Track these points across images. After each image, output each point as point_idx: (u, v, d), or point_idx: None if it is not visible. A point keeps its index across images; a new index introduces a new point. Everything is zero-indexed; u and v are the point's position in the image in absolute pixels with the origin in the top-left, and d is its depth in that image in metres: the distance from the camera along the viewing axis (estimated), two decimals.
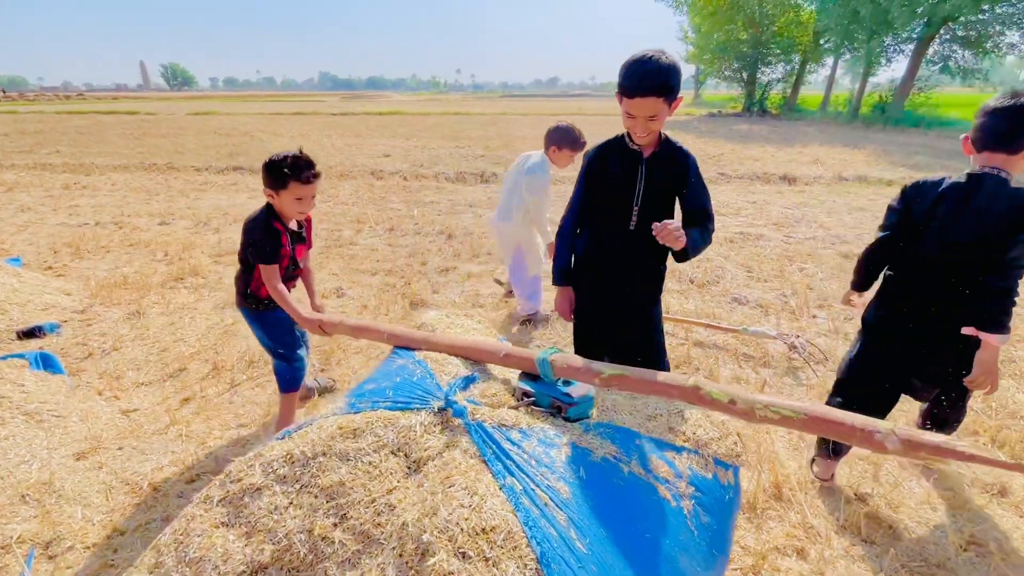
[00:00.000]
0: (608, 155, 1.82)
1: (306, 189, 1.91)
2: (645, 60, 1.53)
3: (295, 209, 1.97)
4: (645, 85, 1.53)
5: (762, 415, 1.05)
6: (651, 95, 1.54)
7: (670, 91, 1.55)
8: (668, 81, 1.53)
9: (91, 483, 1.96)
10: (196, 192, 7.90)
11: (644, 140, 1.71)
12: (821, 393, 2.63)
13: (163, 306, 3.68)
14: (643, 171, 1.75)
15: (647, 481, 1.13)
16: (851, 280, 2.00)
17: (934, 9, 15.40)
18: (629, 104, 1.59)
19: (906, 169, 9.20)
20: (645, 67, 1.52)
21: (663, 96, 1.55)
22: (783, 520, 1.81)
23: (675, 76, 1.54)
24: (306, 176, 1.89)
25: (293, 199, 1.92)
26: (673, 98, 1.58)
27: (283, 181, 1.89)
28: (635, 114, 1.60)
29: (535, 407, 1.27)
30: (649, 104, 1.55)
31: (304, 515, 1.06)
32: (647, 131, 1.66)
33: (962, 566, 1.63)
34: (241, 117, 24.99)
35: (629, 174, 1.76)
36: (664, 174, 1.76)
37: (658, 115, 1.59)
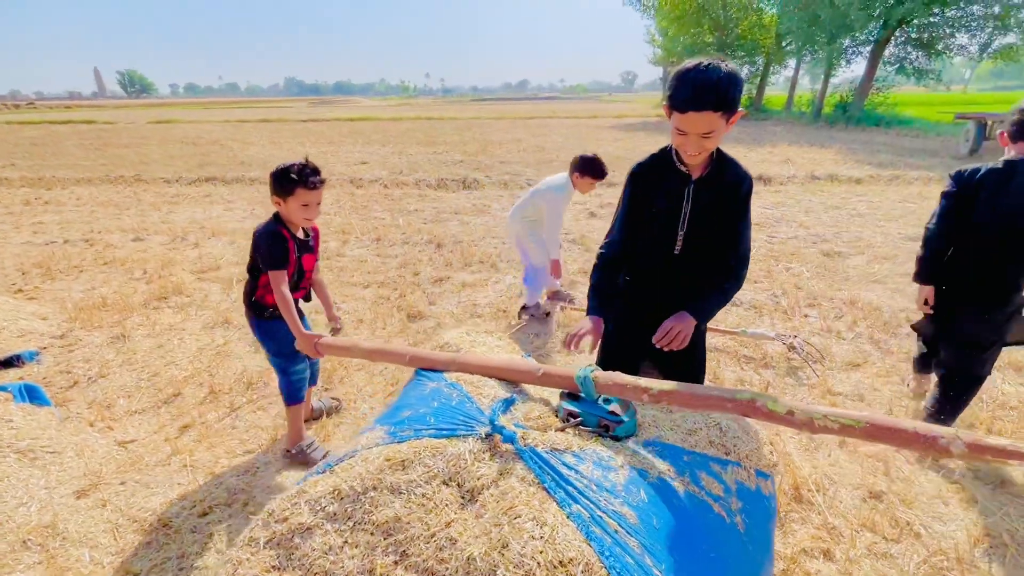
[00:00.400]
0: (653, 173, 1.63)
1: (312, 195, 1.94)
2: (702, 69, 1.32)
3: (301, 216, 1.98)
4: (703, 99, 1.31)
5: (821, 425, 1.06)
6: (708, 109, 1.32)
7: (730, 104, 1.33)
8: (729, 93, 1.31)
9: (96, 522, 1.86)
10: (168, 205, 7.64)
11: (696, 160, 1.50)
12: (823, 392, 2.71)
13: (148, 328, 3.54)
14: (690, 194, 1.56)
15: (701, 499, 1.14)
16: (917, 274, 2.21)
17: (889, 12, 16.09)
18: (681, 120, 1.37)
19: (872, 167, 9.56)
20: (703, 76, 1.31)
21: (722, 110, 1.33)
22: (806, 522, 1.85)
23: (737, 87, 1.33)
24: (312, 182, 1.92)
25: (299, 205, 1.94)
26: (733, 112, 1.36)
27: (290, 188, 1.91)
28: (688, 130, 1.39)
29: (582, 427, 1.26)
30: (705, 120, 1.34)
31: (362, 554, 1.03)
32: (700, 150, 1.43)
33: (980, 558, 1.70)
34: (206, 125, 24.33)
35: (675, 197, 1.58)
36: (714, 198, 1.56)
37: (714, 132, 1.37)
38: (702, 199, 1.55)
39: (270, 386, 2.85)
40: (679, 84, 1.34)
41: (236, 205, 7.58)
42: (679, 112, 1.36)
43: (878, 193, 7.70)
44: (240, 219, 6.68)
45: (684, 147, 1.45)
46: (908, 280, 4.25)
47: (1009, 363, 2.92)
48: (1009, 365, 2.92)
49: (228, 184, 9.27)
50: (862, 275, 4.39)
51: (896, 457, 2.19)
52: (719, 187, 1.54)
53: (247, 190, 8.72)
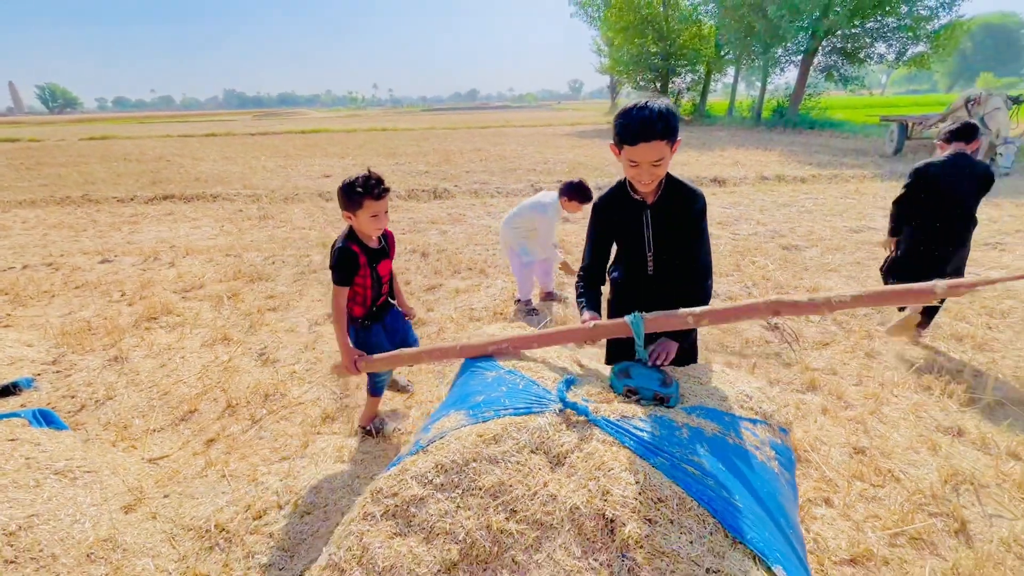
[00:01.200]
0: (612, 206, 1.80)
1: (379, 205, 2.05)
2: (641, 107, 1.50)
3: (373, 226, 2.09)
4: (650, 130, 1.48)
5: (838, 301, 1.38)
6: (655, 139, 1.49)
7: (672, 132, 1.52)
8: (669, 123, 1.50)
9: (151, 534, 1.90)
10: (128, 225, 7.36)
11: (648, 188, 1.65)
12: (802, 368, 3.03)
13: (145, 348, 3.49)
14: (648, 219, 1.72)
15: (746, 449, 1.36)
16: (889, 229, 3.30)
17: (816, 24, 17.45)
18: (632, 152, 1.53)
19: (813, 167, 10.37)
20: (646, 112, 1.49)
21: (667, 139, 1.51)
22: (807, 477, 2.13)
23: (675, 117, 1.52)
24: (378, 192, 2.02)
25: (369, 216, 2.05)
26: (675, 140, 1.54)
27: (359, 200, 2.01)
28: (640, 160, 1.54)
29: (641, 401, 1.46)
30: (654, 149, 1.51)
31: (476, 515, 1.18)
32: (652, 178, 1.59)
33: (950, 493, 2.02)
34: (146, 140, 23.23)
35: (636, 223, 1.74)
36: (671, 219, 1.72)
37: (663, 159, 1.54)
38: (660, 222, 1.72)
39: (287, 396, 2.91)
40: (627, 122, 1.51)
41: (203, 223, 7.39)
42: (630, 145, 1.52)
43: (821, 191, 8.40)
44: (211, 237, 6.54)
45: (638, 177, 1.60)
46: (859, 268, 4.73)
47: None
48: None
49: (189, 202, 8.99)
50: (818, 265, 4.85)
51: (872, 417, 2.52)
52: (673, 208, 1.70)
53: (210, 207, 8.50)
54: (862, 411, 2.59)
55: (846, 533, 1.85)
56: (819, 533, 1.85)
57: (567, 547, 1.11)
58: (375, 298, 2.28)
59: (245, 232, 6.70)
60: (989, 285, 1.30)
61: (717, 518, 1.06)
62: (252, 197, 9.06)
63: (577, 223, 6.75)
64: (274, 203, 8.66)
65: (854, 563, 1.74)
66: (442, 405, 1.65)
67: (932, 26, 17.00)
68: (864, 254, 5.12)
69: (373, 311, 2.31)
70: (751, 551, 1.02)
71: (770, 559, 1.00)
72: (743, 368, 3.07)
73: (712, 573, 0.97)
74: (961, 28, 17.15)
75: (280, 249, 5.87)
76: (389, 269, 2.33)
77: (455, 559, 1.13)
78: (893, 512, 1.94)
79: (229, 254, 5.71)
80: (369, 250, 2.17)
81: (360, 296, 2.23)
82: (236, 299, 4.35)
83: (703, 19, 24.74)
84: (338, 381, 3.04)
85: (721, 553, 1.01)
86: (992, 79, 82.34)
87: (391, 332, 2.42)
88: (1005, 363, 3.03)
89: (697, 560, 0.99)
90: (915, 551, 1.79)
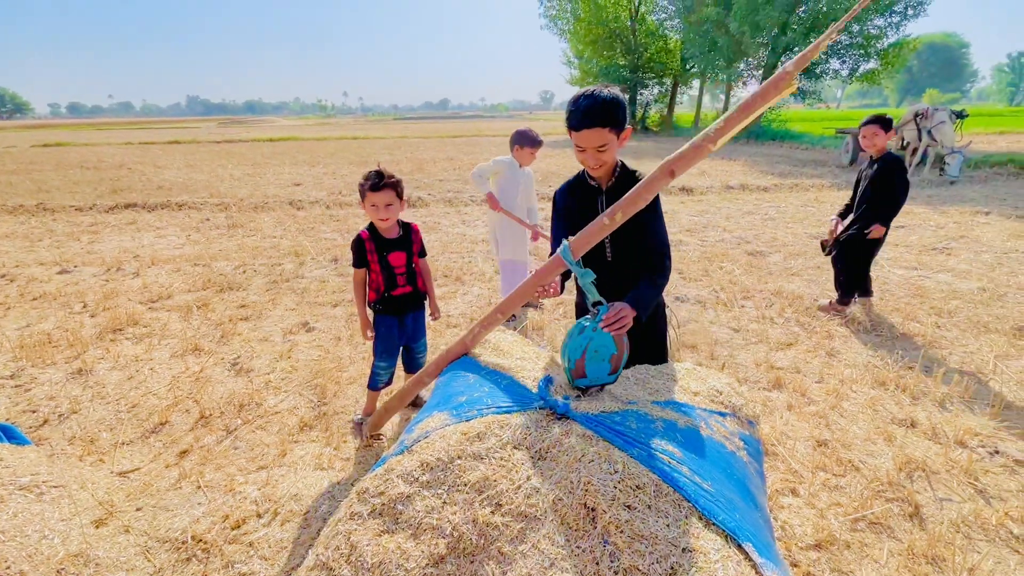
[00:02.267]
0: (571, 192, 1.88)
1: (377, 196, 2.22)
2: (588, 94, 1.58)
3: (375, 216, 2.29)
4: (590, 117, 1.57)
5: (715, 131, 1.44)
6: (596, 126, 1.58)
7: (615, 121, 1.59)
8: (612, 112, 1.57)
9: (124, 547, 1.85)
10: (88, 235, 7.10)
11: (598, 172, 1.75)
12: (768, 368, 3.16)
13: (111, 361, 3.38)
14: (603, 203, 1.79)
15: (717, 440, 1.44)
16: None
17: (776, 41, 18.27)
18: (577, 137, 1.63)
19: (774, 177, 10.80)
20: (589, 100, 1.57)
21: (608, 126, 1.58)
22: (774, 469, 2.23)
23: (618, 107, 1.58)
24: (373, 184, 2.19)
25: (370, 206, 2.25)
26: (620, 129, 1.61)
27: (362, 193, 2.25)
28: (584, 145, 1.64)
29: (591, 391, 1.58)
30: (596, 135, 1.59)
31: (462, 509, 1.22)
32: (599, 162, 1.68)
33: (904, 480, 2.15)
34: (104, 148, 22.48)
35: (591, 208, 1.80)
36: None
37: (607, 145, 1.62)
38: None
39: (263, 406, 2.87)
40: (572, 108, 1.61)
41: (168, 232, 7.19)
42: (575, 131, 1.63)
43: (783, 199, 8.75)
44: (178, 246, 6.37)
45: (585, 161, 1.71)
46: (819, 272, 4.96)
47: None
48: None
49: (152, 210, 8.73)
50: (782, 270, 5.06)
51: (833, 412, 2.65)
52: (626, 193, 1.74)
53: (176, 216, 8.28)
54: (824, 406, 2.72)
55: (811, 520, 1.95)
56: (786, 521, 1.95)
57: (551, 536, 1.15)
58: (388, 286, 2.42)
59: (213, 241, 6.55)
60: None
61: (691, 502, 1.13)
62: (220, 205, 8.86)
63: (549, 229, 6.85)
64: (243, 212, 8.50)
65: (819, 548, 1.83)
66: (425, 407, 1.68)
67: (881, 44, 18.03)
68: (824, 259, 5.37)
69: (386, 298, 2.44)
70: (723, 531, 1.09)
71: (740, 537, 1.07)
72: (713, 367, 3.19)
73: (687, 552, 1.03)
74: (908, 47, 18.22)
75: (251, 258, 5.77)
76: (403, 260, 2.43)
77: (443, 553, 1.16)
78: (853, 499, 2.06)
79: (197, 263, 5.58)
80: (380, 238, 2.35)
81: (374, 282, 2.43)
82: (206, 309, 4.26)
83: (669, 34, 25.56)
84: (315, 389, 3.01)
85: (696, 534, 1.07)
86: (937, 95, 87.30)
87: (408, 333, 2.58)
88: (952, 359, 3.24)
89: (674, 541, 1.05)
90: (874, 535, 1.90)
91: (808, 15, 17.78)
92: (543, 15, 30.15)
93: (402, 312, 2.51)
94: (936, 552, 1.80)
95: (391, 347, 2.55)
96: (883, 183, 3.63)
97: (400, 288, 2.45)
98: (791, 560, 1.79)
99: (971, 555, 1.80)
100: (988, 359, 3.22)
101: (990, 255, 5.36)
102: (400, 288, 2.45)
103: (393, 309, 2.47)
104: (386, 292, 2.42)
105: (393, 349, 2.57)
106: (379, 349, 2.54)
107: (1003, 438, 2.46)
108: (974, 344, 3.42)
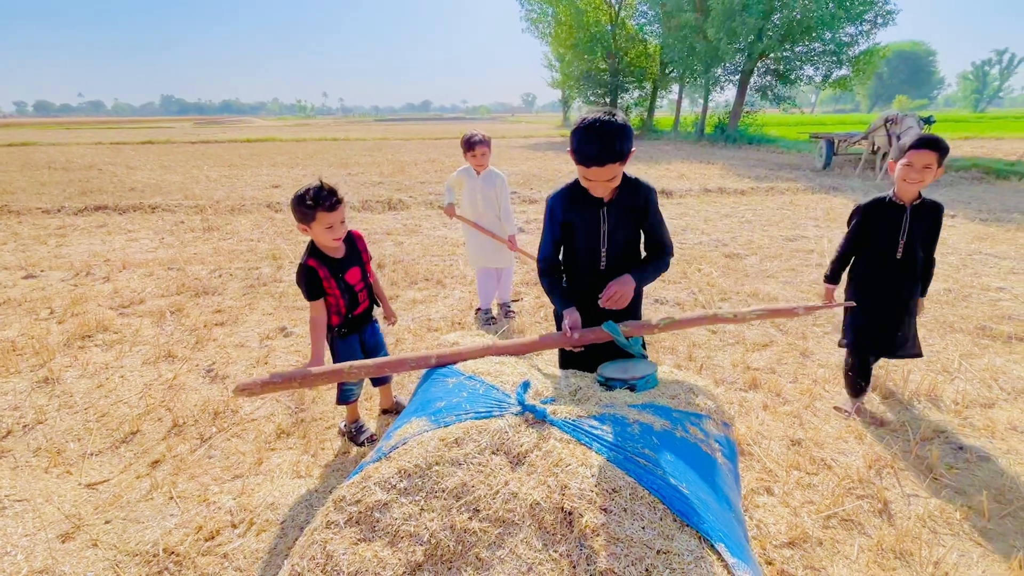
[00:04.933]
0: (568, 202, 1.85)
1: (333, 216, 2.02)
2: (598, 127, 1.51)
3: (329, 237, 2.07)
4: (605, 156, 1.53)
5: (748, 317, 1.91)
6: (609, 163, 1.55)
7: (625, 153, 1.57)
8: (625, 146, 1.55)
9: (92, 562, 1.80)
10: (55, 238, 6.88)
11: (605, 195, 1.76)
12: (744, 368, 3.22)
13: (79, 369, 3.28)
14: (604, 215, 1.80)
15: (692, 441, 1.46)
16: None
17: (752, 47, 18.64)
18: (587, 172, 1.60)
19: (751, 180, 11.01)
20: (602, 136, 1.51)
21: (620, 160, 1.57)
22: (750, 468, 2.27)
23: (630, 138, 1.56)
24: (330, 204, 2.00)
25: (324, 228, 2.03)
26: (628, 156, 1.60)
27: (311, 214, 1.99)
28: (594, 179, 1.62)
29: (615, 386, 1.64)
30: (608, 171, 1.58)
31: (440, 516, 1.21)
32: (606, 191, 1.71)
33: (874, 477, 2.21)
34: (74, 148, 21.79)
35: (592, 219, 1.81)
36: (625, 214, 1.81)
37: (617, 176, 1.63)
38: (616, 217, 1.81)
39: (239, 413, 2.82)
40: (583, 143, 1.55)
41: (140, 235, 7.01)
42: (584, 167, 1.59)
43: (759, 202, 8.93)
44: (151, 250, 6.22)
45: (593, 190, 1.72)
46: (793, 274, 5.07)
47: None
48: None
49: (124, 213, 8.50)
50: (758, 272, 5.16)
51: (806, 411, 2.72)
52: (629, 205, 1.81)
53: (149, 219, 8.07)
54: (798, 406, 2.79)
55: (785, 518, 1.99)
56: (761, 519, 1.99)
57: (528, 541, 1.16)
58: (350, 307, 2.28)
59: (188, 244, 6.41)
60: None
61: (666, 504, 1.14)
62: (195, 208, 8.67)
63: (529, 232, 6.88)
64: (219, 214, 8.33)
65: (792, 545, 1.87)
66: (403, 413, 1.67)
67: (853, 52, 18.54)
68: (798, 261, 5.50)
69: (350, 319, 2.31)
70: (697, 532, 1.11)
71: (713, 538, 1.08)
72: (691, 370, 3.24)
73: (662, 554, 1.05)
74: (878, 54, 18.77)
75: (227, 262, 5.66)
76: (360, 276, 2.29)
77: (420, 560, 1.15)
78: (826, 497, 2.11)
79: (171, 267, 5.45)
80: (330, 261, 2.16)
81: (334, 306, 2.24)
82: (180, 314, 4.16)
83: (649, 38, 25.87)
84: (292, 395, 2.97)
85: (670, 535, 1.09)
86: (907, 101, 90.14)
87: (368, 347, 2.44)
88: (918, 360, 3.33)
89: (649, 543, 1.07)
90: (845, 531, 1.95)
91: (783, 22, 18.20)
92: (524, 18, 30.30)
93: (361, 327, 2.40)
94: (904, 547, 1.86)
95: (360, 355, 2.39)
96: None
97: (361, 305, 2.34)
98: (765, 558, 1.82)
99: (937, 549, 1.86)
100: (954, 358, 3.33)
101: (955, 257, 5.55)
102: (361, 305, 2.34)
103: (356, 327, 2.36)
104: (348, 314, 2.28)
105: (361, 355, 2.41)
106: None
107: (967, 435, 2.55)
108: (940, 344, 3.54)
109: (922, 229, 2.40)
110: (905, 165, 2.26)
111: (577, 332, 1.81)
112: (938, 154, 2.22)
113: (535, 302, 4.43)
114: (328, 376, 1.84)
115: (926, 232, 2.43)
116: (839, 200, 9.03)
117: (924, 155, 2.21)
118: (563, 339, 1.81)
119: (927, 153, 2.21)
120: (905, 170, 2.26)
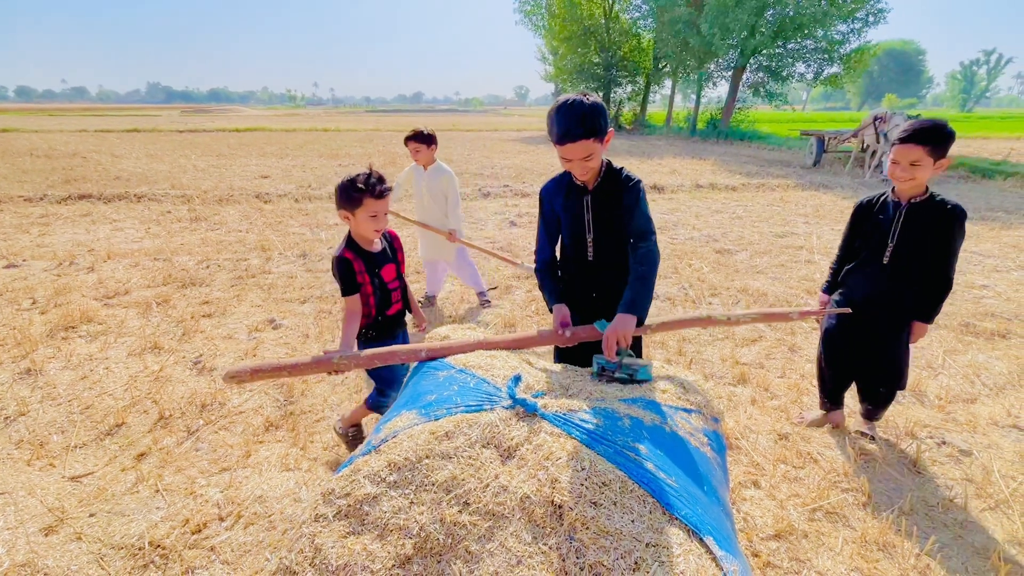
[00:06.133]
0: (556, 192, 1.88)
1: (380, 204, 1.96)
2: (567, 107, 1.55)
3: (371, 227, 1.99)
4: (574, 132, 1.56)
5: (742, 320, 1.88)
6: (580, 139, 1.58)
7: (597, 130, 1.59)
8: (593, 122, 1.57)
9: (76, 555, 1.78)
10: (38, 227, 6.75)
11: (586, 176, 1.76)
12: (733, 363, 3.25)
13: (63, 360, 3.23)
14: (589, 203, 1.81)
15: (682, 436, 1.47)
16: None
17: (744, 43, 18.68)
18: (561, 150, 1.63)
19: (742, 176, 11.07)
20: (570, 114, 1.55)
21: (592, 137, 1.59)
22: (738, 462, 2.30)
23: (601, 116, 1.58)
24: (379, 191, 1.94)
25: (368, 216, 1.96)
26: (603, 135, 1.61)
27: (358, 199, 1.93)
28: (570, 157, 1.64)
29: (612, 379, 1.63)
30: (580, 148, 1.60)
31: (430, 509, 1.21)
32: (585, 171, 1.70)
33: (858, 470, 2.24)
34: (57, 135, 21.34)
35: (577, 208, 1.83)
36: (609, 203, 1.81)
37: (592, 154, 1.63)
38: (600, 205, 1.81)
39: (227, 406, 2.79)
40: (553, 122, 1.59)
41: (126, 224, 6.90)
42: (559, 145, 1.63)
43: (750, 199, 8.99)
44: (136, 239, 6.12)
45: (571, 170, 1.74)
46: (783, 270, 5.12)
47: None
48: None
49: (109, 202, 8.35)
50: (748, 267, 5.20)
51: (794, 406, 2.75)
52: (612, 193, 1.80)
53: (135, 208, 7.94)
54: (785, 400, 2.82)
55: (772, 511, 2.02)
56: (748, 512, 2.01)
57: (518, 534, 1.16)
58: (382, 306, 2.16)
59: (175, 235, 6.31)
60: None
61: (656, 498, 1.15)
62: (182, 198, 8.54)
63: (522, 226, 6.86)
64: (207, 204, 8.21)
65: (778, 538, 1.90)
66: (393, 406, 1.66)
67: (844, 50, 18.65)
68: (787, 257, 5.55)
69: (380, 321, 2.18)
70: (686, 525, 1.11)
71: (702, 531, 1.09)
72: (680, 364, 3.26)
73: (651, 546, 1.05)
74: (868, 52, 18.89)
75: (215, 253, 5.59)
76: (395, 274, 2.20)
77: (409, 553, 1.15)
78: (812, 490, 2.13)
79: (157, 258, 5.37)
80: (367, 255, 2.08)
81: (364, 306, 2.11)
82: (166, 305, 4.11)
83: (642, 32, 25.80)
84: (281, 388, 2.95)
85: (659, 529, 1.09)
86: (896, 100, 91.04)
87: None
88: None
89: (638, 536, 1.07)
90: (830, 524, 1.98)
91: (776, 19, 18.25)
92: (518, 10, 30.08)
93: (395, 332, 2.27)
94: (887, 539, 1.89)
95: (401, 372, 2.20)
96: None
97: (394, 306, 2.22)
98: (752, 550, 1.84)
99: (919, 541, 1.90)
100: (937, 354, 3.38)
101: None
102: (394, 306, 2.22)
103: (386, 331, 2.21)
104: (379, 315, 2.16)
105: (397, 379, 2.21)
106: (388, 378, 2.21)
107: (949, 429, 2.59)
108: (924, 340, 3.59)
109: (918, 232, 2.05)
110: (892, 162, 2.06)
111: (569, 330, 1.81)
112: (927, 147, 1.93)
113: (526, 295, 4.43)
114: (318, 366, 1.82)
115: (926, 237, 2.05)
116: (828, 197, 9.10)
117: (909, 150, 1.96)
118: (555, 337, 1.82)
119: (912, 148, 1.95)
120: (892, 167, 2.06)
